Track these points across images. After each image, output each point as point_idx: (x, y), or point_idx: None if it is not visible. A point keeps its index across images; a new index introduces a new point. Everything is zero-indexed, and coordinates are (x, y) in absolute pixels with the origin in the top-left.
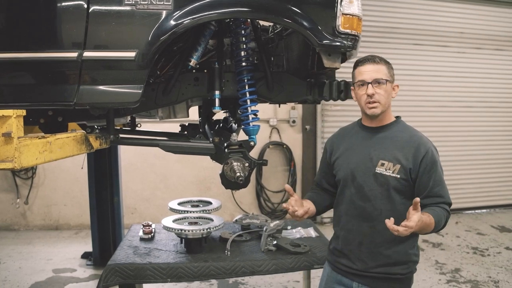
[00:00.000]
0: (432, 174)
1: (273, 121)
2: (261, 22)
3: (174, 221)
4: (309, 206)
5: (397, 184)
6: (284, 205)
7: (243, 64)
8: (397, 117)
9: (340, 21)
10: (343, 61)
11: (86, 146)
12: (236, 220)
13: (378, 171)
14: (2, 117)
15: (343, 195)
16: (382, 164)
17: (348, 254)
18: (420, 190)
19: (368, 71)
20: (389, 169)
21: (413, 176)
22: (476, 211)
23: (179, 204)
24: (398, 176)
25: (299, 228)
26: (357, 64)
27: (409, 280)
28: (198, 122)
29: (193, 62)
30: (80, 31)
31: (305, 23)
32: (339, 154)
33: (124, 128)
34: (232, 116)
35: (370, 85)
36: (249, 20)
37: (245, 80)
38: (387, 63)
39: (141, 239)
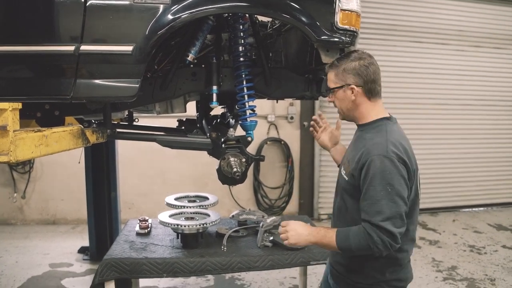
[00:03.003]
0: (366, 186)
1: (271, 117)
2: (260, 18)
3: (170, 216)
4: (339, 150)
5: (346, 186)
6: (315, 116)
7: (241, 59)
8: (383, 118)
9: (338, 17)
10: None
11: (83, 140)
12: (232, 216)
13: (340, 170)
14: None
15: None
16: (344, 164)
17: None
18: None
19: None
20: (345, 170)
21: (357, 183)
22: (474, 209)
23: (176, 199)
24: (347, 178)
25: None
26: None
27: None
28: (195, 117)
29: (190, 57)
30: (77, 25)
31: (303, 19)
32: None
33: (121, 122)
34: (229, 112)
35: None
36: (247, 15)
37: (243, 76)
38: (339, 65)
39: (138, 234)
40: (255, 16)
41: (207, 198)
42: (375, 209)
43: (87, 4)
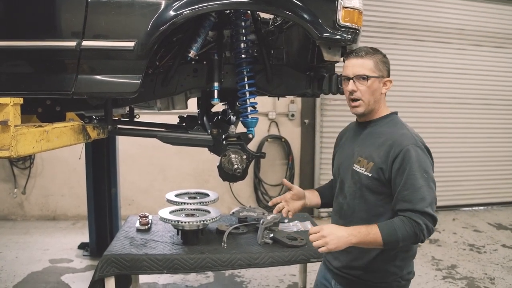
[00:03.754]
0: (404, 176)
1: (272, 115)
2: (262, 15)
3: (171, 212)
4: (310, 198)
5: (369, 183)
6: (276, 199)
7: (243, 56)
8: (392, 113)
9: (340, 14)
10: (343, 54)
11: (84, 136)
12: (233, 213)
13: (354, 168)
14: None
15: (334, 190)
16: (359, 161)
17: None
18: (394, 193)
19: (351, 66)
20: (363, 167)
21: (387, 176)
22: (474, 208)
23: (177, 195)
24: (370, 174)
25: (296, 221)
26: (345, 57)
27: None
28: (196, 114)
29: (192, 54)
30: (79, 20)
31: (305, 16)
32: (337, 148)
33: (122, 118)
34: (230, 108)
35: (351, 81)
36: (249, 12)
37: (244, 72)
38: (376, 56)
39: (138, 230)
40: (257, 13)
41: (207, 195)
42: (419, 197)
43: None
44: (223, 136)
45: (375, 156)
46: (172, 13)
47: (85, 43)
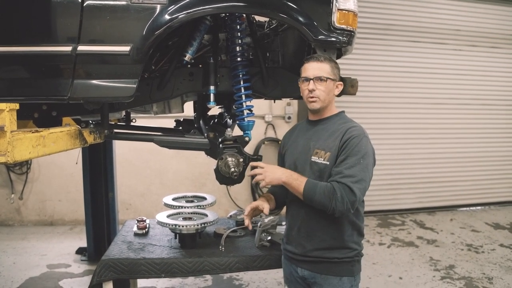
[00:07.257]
0: (348, 156)
1: (269, 117)
2: (257, 18)
3: (168, 216)
4: (268, 202)
5: (328, 170)
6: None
7: (238, 59)
8: (341, 111)
9: (335, 16)
10: (338, 56)
11: (80, 141)
12: (230, 216)
13: (313, 160)
14: None
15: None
16: (316, 153)
17: (291, 240)
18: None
19: (311, 68)
20: (321, 157)
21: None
22: (471, 208)
23: (174, 199)
24: (328, 163)
25: None
26: (304, 61)
27: (349, 265)
28: (193, 118)
29: (188, 57)
30: (74, 25)
31: (300, 19)
32: (287, 146)
33: (118, 123)
34: (227, 112)
35: (311, 81)
36: (244, 15)
37: (240, 76)
38: (331, 62)
39: (135, 234)
40: (252, 16)
41: (204, 198)
42: (349, 173)
43: (84, 4)
44: (220, 140)
45: (331, 146)
46: (167, 17)
47: (80, 48)
